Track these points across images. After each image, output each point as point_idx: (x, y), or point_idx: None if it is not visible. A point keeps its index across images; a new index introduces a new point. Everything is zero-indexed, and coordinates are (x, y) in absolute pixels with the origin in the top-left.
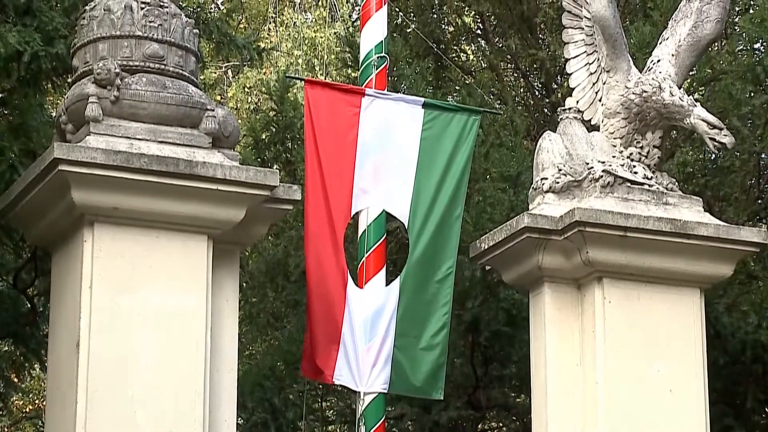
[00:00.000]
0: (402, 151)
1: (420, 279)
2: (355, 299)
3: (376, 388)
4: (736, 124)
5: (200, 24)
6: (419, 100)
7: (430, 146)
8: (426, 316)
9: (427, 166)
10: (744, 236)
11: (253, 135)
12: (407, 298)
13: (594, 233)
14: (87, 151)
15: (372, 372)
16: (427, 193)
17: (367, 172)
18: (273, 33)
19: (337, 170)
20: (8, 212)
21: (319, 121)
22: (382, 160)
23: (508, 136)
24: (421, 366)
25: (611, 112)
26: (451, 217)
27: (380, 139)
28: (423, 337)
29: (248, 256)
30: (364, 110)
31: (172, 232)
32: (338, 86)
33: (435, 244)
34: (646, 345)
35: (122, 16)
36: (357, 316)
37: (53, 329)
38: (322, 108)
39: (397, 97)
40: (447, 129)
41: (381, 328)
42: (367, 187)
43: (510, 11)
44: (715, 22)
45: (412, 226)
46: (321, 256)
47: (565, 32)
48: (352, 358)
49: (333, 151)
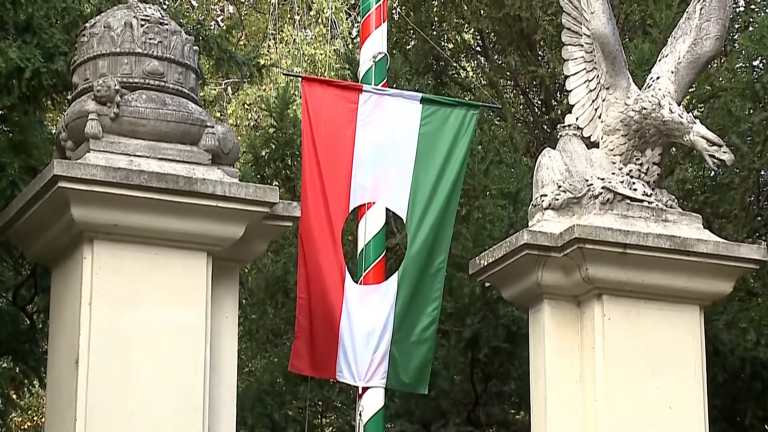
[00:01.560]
0: (400, 147)
1: (416, 273)
2: (353, 294)
3: (375, 383)
4: (735, 141)
5: (200, 41)
6: (417, 95)
7: (429, 141)
8: (418, 310)
9: (425, 162)
10: (743, 253)
11: (253, 152)
12: (404, 292)
13: (593, 250)
14: (86, 168)
15: (371, 366)
16: (425, 188)
17: (365, 168)
18: (273, 50)
19: (334, 166)
20: (8, 229)
21: (316, 118)
22: (381, 156)
23: (507, 152)
24: (411, 361)
25: (611, 129)
26: (447, 212)
27: (378, 134)
28: (414, 332)
29: (248, 272)
30: (361, 106)
31: (172, 249)
32: (336, 83)
33: (431, 239)
34: (645, 362)
35: (122, 33)
36: (355, 311)
37: (52, 346)
38: (320, 104)
39: (395, 92)
40: (445, 124)
41: (379, 323)
42: (366, 182)
43: (509, 28)
44: (714, 39)
45: (410, 221)
46: (318, 252)
47: (564, 49)
48: (350, 353)
49: (331, 147)
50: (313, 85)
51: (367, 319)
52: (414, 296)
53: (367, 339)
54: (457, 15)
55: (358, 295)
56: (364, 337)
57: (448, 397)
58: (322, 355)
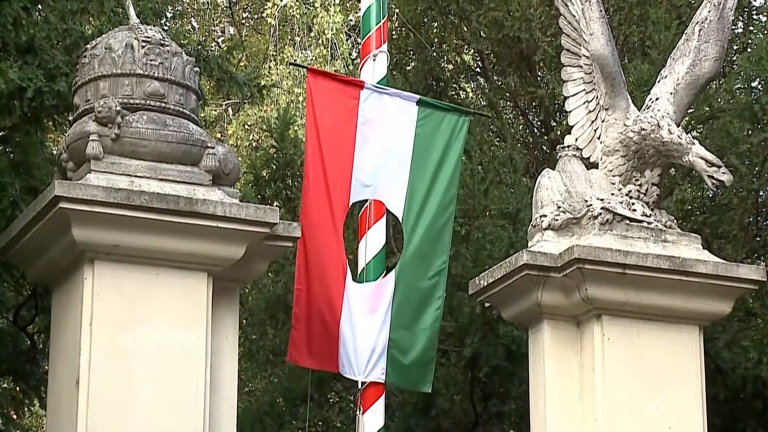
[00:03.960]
0: (397, 146)
1: (414, 274)
2: (353, 290)
3: (374, 377)
4: (734, 162)
5: (201, 61)
6: (414, 96)
7: (424, 143)
8: (420, 310)
9: (421, 163)
10: (743, 274)
11: (254, 172)
12: (402, 291)
13: (593, 270)
14: (87, 189)
15: (370, 361)
16: (420, 190)
17: (364, 164)
18: (273, 71)
19: (337, 159)
20: (9, 249)
21: (321, 110)
22: (379, 153)
23: (507, 173)
24: (413, 359)
25: (610, 149)
26: (443, 215)
27: (377, 132)
28: (416, 331)
29: (248, 292)
30: (362, 102)
31: (173, 270)
32: (339, 77)
33: (428, 240)
34: (645, 382)
35: (123, 55)
36: (355, 306)
37: (53, 366)
38: (324, 97)
39: (393, 92)
40: (439, 127)
41: (378, 319)
42: (364, 179)
43: (509, 49)
44: (713, 60)
45: (407, 221)
46: (321, 246)
47: (564, 70)
48: (351, 347)
49: (333, 140)
50: (317, 77)
51: (366, 314)
52: (413, 297)
53: (366, 334)
54: (456, 36)
55: (358, 291)
56: (363, 332)
57: (448, 416)
58: (321, 348)
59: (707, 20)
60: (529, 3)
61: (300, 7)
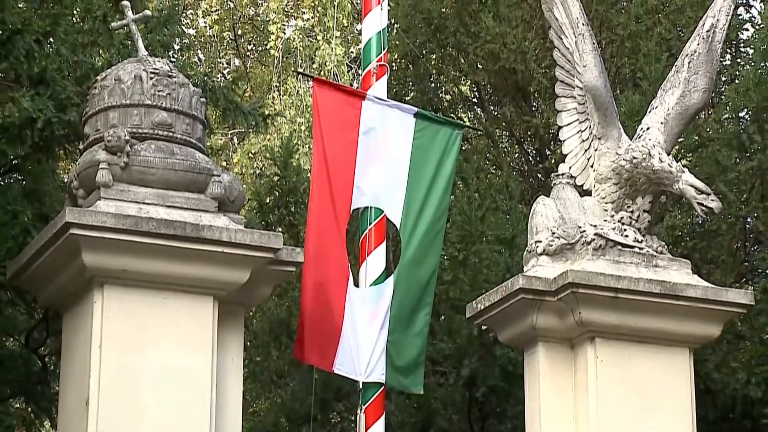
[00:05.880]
0: (396, 156)
1: (410, 280)
2: (354, 294)
3: (374, 378)
4: (722, 190)
5: (207, 92)
6: (412, 109)
7: (420, 155)
8: (412, 314)
9: (418, 174)
10: (731, 298)
11: (258, 199)
12: (399, 296)
13: (586, 294)
14: (97, 216)
15: (370, 362)
16: (417, 198)
17: (365, 172)
18: (277, 101)
19: (340, 166)
20: (21, 274)
21: (326, 119)
22: (379, 163)
23: (503, 200)
24: (406, 361)
25: (603, 177)
26: (435, 226)
27: (377, 142)
28: (410, 335)
29: (252, 315)
30: (364, 112)
31: (179, 293)
32: (343, 87)
33: (423, 249)
34: (637, 403)
35: (132, 86)
36: (357, 310)
37: (63, 387)
38: (329, 106)
39: (392, 104)
40: (434, 140)
41: (377, 322)
42: (365, 186)
43: (505, 80)
44: (702, 91)
45: (404, 229)
46: (325, 249)
47: (558, 101)
48: (353, 348)
49: (337, 148)
50: (323, 87)
51: (366, 318)
52: (408, 301)
53: (367, 337)
54: (454, 68)
55: (359, 296)
56: (364, 334)
57: None
58: (322, 348)
59: (696, 53)
60: (525, 36)
61: (303, 39)
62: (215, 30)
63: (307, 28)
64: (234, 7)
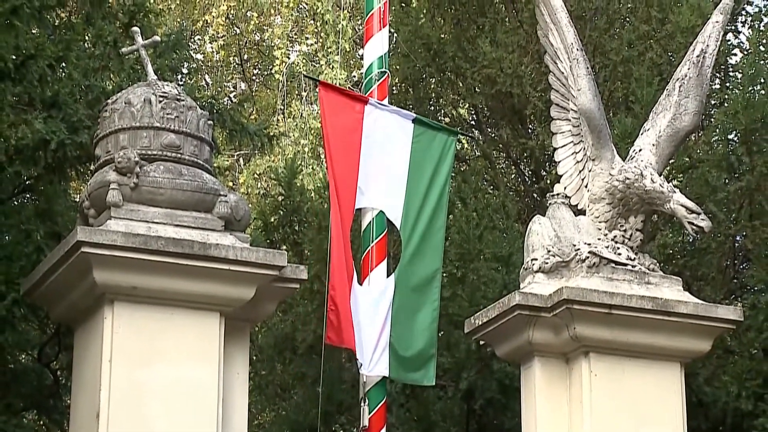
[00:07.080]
0: (395, 160)
1: (412, 278)
2: (358, 291)
3: (378, 372)
4: (712, 209)
5: (214, 114)
6: (411, 114)
7: (419, 159)
8: (417, 310)
9: (416, 178)
10: (721, 314)
11: (263, 218)
12: (401, 293)
13: (581, 310)
14: (108, 234)
15: (373, 357)
16: (416, 199)
17: (366, 174)
18: (281, 123)
19: (344, 167)
20: (34, 291)
21: (330, 120)
22: (379, 165)
23: (500, 219)
24: (414, 354)
25: (596, 197)
26: (434, 226)
27: (378, 146)
28: (415, 329)
29: (258, 331)
30: (366, 116)
31: (187, 310)
32: (347, 92)
33: (423, 248)
34: (630, 416)
35: (141, 109)
36: (361, 307)
37: (75, 401)
38: (334, 109)
39: (392, 109)
40: (431, 145)
41: (380, 319)
42: (366, 188)
43: (502, 104)
44: (692, 114)
45: (404, 229)
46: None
47: (553, 123)
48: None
49: (341, 149)
50: (328, 90)
51: (369, 314)
52: (411, 298)
53: (369, 333)
54: (452, 91)
55: (362, 293)
56: (366, 330)
57: None
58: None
59: (687, 77)
60: (521, 61)
61: (306, 64)
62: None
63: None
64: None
